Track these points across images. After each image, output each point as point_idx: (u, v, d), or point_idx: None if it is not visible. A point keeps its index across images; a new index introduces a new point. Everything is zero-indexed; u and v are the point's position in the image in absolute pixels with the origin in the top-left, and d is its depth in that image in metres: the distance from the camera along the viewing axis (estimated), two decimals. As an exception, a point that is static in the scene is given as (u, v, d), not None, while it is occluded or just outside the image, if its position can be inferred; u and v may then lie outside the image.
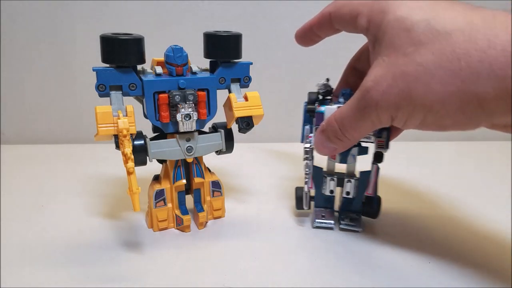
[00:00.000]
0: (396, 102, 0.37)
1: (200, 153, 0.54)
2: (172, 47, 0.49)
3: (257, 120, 0.54)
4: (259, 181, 0.73)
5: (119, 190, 0.68)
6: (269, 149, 0.92)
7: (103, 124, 0.46)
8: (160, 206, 0.53)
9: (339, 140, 0.45)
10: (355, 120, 0.42)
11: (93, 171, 0.76)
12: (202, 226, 0.56)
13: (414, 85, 0.36)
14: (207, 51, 0.53)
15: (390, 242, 0.52)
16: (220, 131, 0.55)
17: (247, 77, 0.55)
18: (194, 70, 0.52)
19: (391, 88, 0.37)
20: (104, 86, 0.47)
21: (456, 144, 0.96)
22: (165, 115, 0.49)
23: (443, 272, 0.46)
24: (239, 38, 0.53)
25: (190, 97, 0.49)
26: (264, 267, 0.47)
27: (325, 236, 0.54)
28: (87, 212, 0.60)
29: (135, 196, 0.46)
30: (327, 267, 0.47)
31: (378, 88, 0.38)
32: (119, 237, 0.53)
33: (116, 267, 0.46)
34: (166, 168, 0.54)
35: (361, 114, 0.41)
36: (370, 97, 0.39)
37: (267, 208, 0.62)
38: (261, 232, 0.55)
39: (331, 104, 0.51)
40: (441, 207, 0.62)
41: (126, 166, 0.45)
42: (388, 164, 0.59)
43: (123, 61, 0.47)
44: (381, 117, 0.40)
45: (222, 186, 0.57)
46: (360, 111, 0.41)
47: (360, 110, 0.41)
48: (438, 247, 0.51)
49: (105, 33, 0.47)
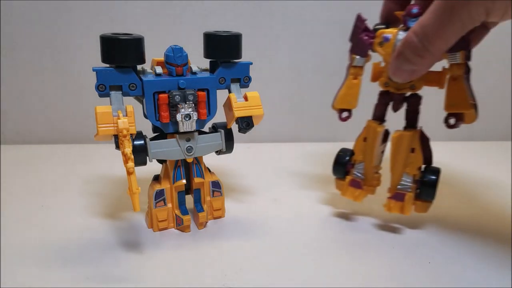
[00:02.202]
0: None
1: (200, 153, 0.54)
2: (172, 47, 0.49)
3: (257, 120, 0.54)
4: (259, 181, 0.73)
5: (119, 190, 0.68)
6: (269, 149, 0.92)
7: (103, 124, 0.46)
8: (160, 206, 0.53)
9: (420, 57, 0.41)
10: (441, 26, 0.38)
11: (93, 171, 0.76)
12: (202, 226, 0.56)
13: None
14: (207, 51, 0.53)
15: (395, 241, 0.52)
16: (220, 131, 0.55)
17: (247, 77, 0.55)
18: (194, 70, 0.52)
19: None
20: (104, 86, 0.47)
21: (458, 144, 0.96)
22: (165, 115, 0.49)
23: (444, 272, 0.46)
24: (239, 38, 0.53)
25: (190, 97, 0.49)
26: (264, 267, 0.47)
27: (327, 235, 0.54)
28: (87, 212, 0.60)
29: (135, 196, 0.46)
30: (329, 267, 0.47)
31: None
32: (119, 237, 0.53)
33: (116, 267, 0.46)
34: (166, 168, 0.54)
35: (449, 16, 0.36)
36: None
37: (268, 208, 0.62)
38: (261, 232, 0.55)
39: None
40: (441, 207, 0.62)
41: (126, 166, 0.45)
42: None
43: (123, 61, 0.47)
44: (474, 13, 0.35)
45: (222, 186, 0.57)
46: (446, 13, 0.37)
47: (446, 11, 0.37)
48: (438, 247, 0.51)
49: (105, 33, 0.47)
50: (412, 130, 0.51)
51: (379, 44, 0.49)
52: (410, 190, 0.51)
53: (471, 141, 0.98)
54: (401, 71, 0.44)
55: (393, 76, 0.46)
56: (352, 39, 0.51)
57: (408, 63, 0.42)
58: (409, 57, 0.42)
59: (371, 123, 0.53)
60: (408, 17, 0.47)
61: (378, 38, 0.49)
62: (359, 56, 0.51)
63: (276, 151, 0.90)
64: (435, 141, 0.94)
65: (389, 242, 0.52)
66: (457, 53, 0.46)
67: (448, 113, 0.49)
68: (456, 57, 0.46)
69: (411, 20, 0.47)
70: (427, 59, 0.41)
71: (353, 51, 0.52)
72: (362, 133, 0.54)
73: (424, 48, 0.40)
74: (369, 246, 0.51)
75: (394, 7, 0.51)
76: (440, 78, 0.49)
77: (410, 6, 0.47)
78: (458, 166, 0.82)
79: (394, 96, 0.51)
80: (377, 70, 0.52)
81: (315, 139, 0.58)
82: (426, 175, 0.51)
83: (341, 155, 0.57)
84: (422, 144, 0.52)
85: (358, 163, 0.55)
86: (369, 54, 0.52)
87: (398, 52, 0.43)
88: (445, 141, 0.97)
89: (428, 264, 0.47)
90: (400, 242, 0.52)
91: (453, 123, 0.49)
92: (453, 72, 0.47)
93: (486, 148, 0.93)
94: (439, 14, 0.38)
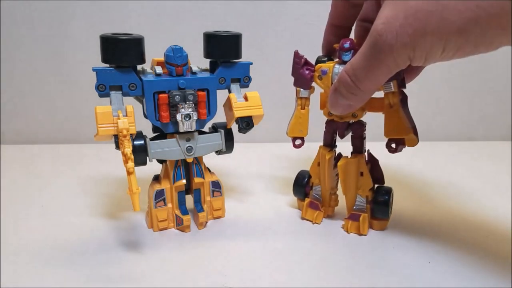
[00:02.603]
0: (412, 41, 0.36)
1: (200, 153, 0.54)
2: (172, 47, 0.49)
3: (257, 120, 0.54)
4: (259, 181, 0.73)
5: (119, 190, 0.68)
6: (269, 149, 0.92)
7: (103, 124, 0.46)
8: (160, 206, 0.53)
9: (353, 94, 0.43)
10: (370, 69, 0.40)
11: (93, 171, 0.76)
12: (202, 226, 0.56)
13: (428, 20, 0.35)
14: (207, 51, 0.53)
15: (396, 243, 0.52)
16: (220, 131, 0.55)
17: (247, 77, 0.55)
18: (194, 70, 0.52)
19: (405, 28, 0.36)
20: (104, 86, 0.47)
21: (456, 144, 0.96)
22: (165, 115, 0.49)
23: (444, 272, 0.46)
24: (239, 38, 0.53)
25: (190, 97, 0.49)
26: (264, 267, 0.47)
27: (328, 236, 0.54)
28: (87, 212, 0.60)
29: (135, 196, 0.46)
30: (329, 267, 0.47)
31: (391, 29, 0.37)
32: (119, 237, 0.53)
33: (116, 267, 0.46)
34: (166, 168, 0.54)
35: (376, 61, 0.39)
36: (384, 41, 0.37)
37: (267, 208, 0.62)
38: (261, 232, 0.55)
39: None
40: (441, 207, 0.62)
41: (126, 166, 0.45)
42: (388, 164, 0.59)
43: (123, 61, 0.47)
44: (398, 60, 0.38)
45: (222, 186, 0.57)
46: (374, 58, 0.39)
47: (374, 57, 0.39)
48: (437, 246, 0.51)
49: (105, 33, 0.47)
50: (358, 156, 0.53)
51: (318, 78, 0.52)
52: (365, 210, 0.54)
53: (471, 141, 0.98)
54: (338, 105, 0.47)
55: (331, 109, 0.49)
56: (294, 74, 0.54)
57: (343, 98, 0.45)
58: (344, 94, 0.45)
59: (321, 149, 0.56)
60: (341, 51, 0.50)
61: (317, 71, 0.52)
62: (303, 89, 0.54)
63: (276, 151, 0.90)
64: (434, 141, 0.93)
65: (396, 244, 0.52)
66: (390, 83, 0.49)
67: (389, 138, 0.52)
68: (390, 86, 0.49)
69: (344, 54, 0.50)
70: (360, 96, 0.44)
71: (296, 84, 0.55)
72: (316, 158, 0.57)
73: (356, 87, 0.43)
74: (370, 248, 0.51)
75: (333, 40, 0.54)
76: (382, 104, 0.51)
77: (343, 41, 0.50)
78: (458, 166, 0.82)
79: (338, 124, 0.54)
80: (323, 99, 0.55)
81: (316, 139, 0.58)
82: (379, 196, 0.54)
83: (300, 178, 0.60)
84: (372, 165, 0.55)
85: (315, 185, 0.58)
86: (312, 86, 0.54)
87: (334, 88, 0.46)
88: (444, 141, 0.97)
89: (428, 263, 0.47)
90: (401, 244, 0.52)
91: (394, 147, 0.52)
92: (388, 100, 0.50)
93: (486, 148, 0.93)
94: (368, 58, 0.40)
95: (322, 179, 0.56)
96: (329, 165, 0.55)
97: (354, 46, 0.49)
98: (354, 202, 0.54)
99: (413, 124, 0.50)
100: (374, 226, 0.55)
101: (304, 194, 0.59)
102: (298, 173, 0.61)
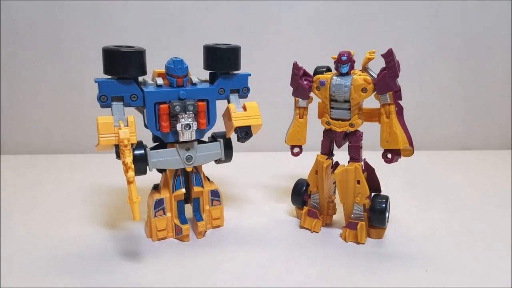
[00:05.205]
0: None
1: (200, 162, 0.54)
2: (173, 59, 0.50)
3: (256, 130, 0.55)
4: (258, 189, 0.73)
5: (119, 199, 0.68)
6: (267, 158, 0.92)
7: (104, 134, 0.47)
8: (159, 215, 0.54)
9: None
10: None
11: (93, 180, 0.77)
12: (201, 235, 0.56)
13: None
14: (207, 63, 0.54)
15: (393, 252, 0.52)
16: (219, 140, 0.55)
17: (245, 87, 0.56)
18: (194, 81, 0.53)
19: None
20: (106, 97, 0.48)
21: (450, 153, 0.97)
22: (165, 125, 0.50)
23: (441, 280, 0.46)
24: (238, 50, 0.54)
25: (190, 107, 0.50)
26: (263, 276, 0.47)
27: (326, 244, 0.54)
28: (87, 221, 0.60)
29: (135, 205, 0.46)
30: (329, 276, 0.47)
31: None
32: (118, 247, 0.53)
33: (115, 276, 0.46)
34: (165, 177, 0.55)
35: None
36: None
37: (266, 217, 0.62)
38: (260, 241, 0.55)
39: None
40: (438, 216, 0.63)
41: (126, 175, 0.46)
42: (384, 173, 0.60)
43: (124, 72, 0.48)
44: None
45: (221, 195, 0.57)
46: None
47: None
48: (435, 255, 0.51)
49: (107, 46, 0.48)
50: (354, 164, 0.54)
51: (317, 88, 0.54)
52: (363, 218, 0.54)
53: (469, 150, 0.99)
54: None
55: None
56: (293, 85, 0.56)
57: None
58: None
59: (318, 157, 0.57)
60: (338, 63, 0.51)
61: (315, 82, 0.54)
62: (301, 99, 0.56)
63: (275, 160, 0.90)
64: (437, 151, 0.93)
65: (398, 250, 0.52)
66: (386, 94, 0.50)
67: (384, 149, 0.53)
68: (386, 98, 0.50)
69: (341, 66, 0.51)
70: None
71: (295, 94, 0.56)
72: (313, 166, 0.57)
73: None
74: (368, 257, 0.51)
75: None
76: (379, 115, 0.53)
77: (341, 53, 0.51)
78: (455, 174, 0.82)
79: (335, 133, 0.55)
80: (321, 109, 0.57)
81: (313, 148, 0.58)
82: (375, 204, 0.54)
83: (298, 186, 0.60)
84: (368, 174, 0.56)
85: (313, 193, 0.58)
86: (310, 96, 0.56)
87: None
88: (442, 150, 0.98)
89: (426, 272, 0.47)
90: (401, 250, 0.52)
91: (390, 157, 0.53)
92: (384, 111, 0.51)
93: (484, 157, 0.94)
94: None
95: (321, 186, 0.57)
96: (327, 173, 0.56)
97: (351, 59, 0.51)
98: (352, 211, 0.55)
99: (409, 136, 0.51)
100: (372, 234, 0.55)
101: (302, 203, 0.60)
102: (296, 181, 0.61)
